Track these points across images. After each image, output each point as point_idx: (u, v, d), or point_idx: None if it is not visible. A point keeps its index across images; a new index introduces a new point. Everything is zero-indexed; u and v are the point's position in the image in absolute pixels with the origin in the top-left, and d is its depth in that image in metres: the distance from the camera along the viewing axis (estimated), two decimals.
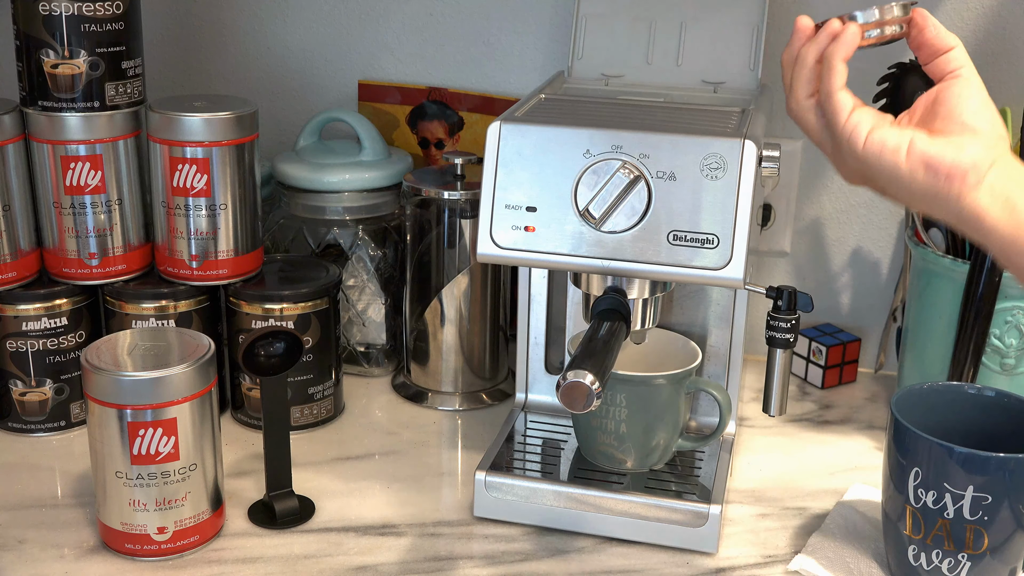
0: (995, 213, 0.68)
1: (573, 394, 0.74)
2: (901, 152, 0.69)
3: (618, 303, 0.85)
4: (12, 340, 1.02)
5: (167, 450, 0.84)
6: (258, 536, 0.90)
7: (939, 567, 0.80)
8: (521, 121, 0.83)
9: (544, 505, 0.91)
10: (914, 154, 0.69)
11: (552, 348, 1.04)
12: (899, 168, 0.70)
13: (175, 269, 1.03)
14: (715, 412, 0.99)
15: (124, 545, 0.86)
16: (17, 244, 1.01)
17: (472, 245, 1.09)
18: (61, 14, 0.96)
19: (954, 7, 1.11)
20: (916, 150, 0.69)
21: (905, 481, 0.80)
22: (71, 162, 1.00)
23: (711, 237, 0.79)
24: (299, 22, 1.27)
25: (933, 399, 0.86)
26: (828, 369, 1.18)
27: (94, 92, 0.99)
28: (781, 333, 0.82)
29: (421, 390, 1.15)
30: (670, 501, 0.89)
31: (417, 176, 1.12)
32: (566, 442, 0.99)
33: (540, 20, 1.21)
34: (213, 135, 0.99)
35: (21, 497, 0.95)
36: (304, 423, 1.07)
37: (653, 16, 1.05)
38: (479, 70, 1.24)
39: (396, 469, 1.01)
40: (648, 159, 0.80)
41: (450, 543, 0.89)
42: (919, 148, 0.69)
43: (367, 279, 1.17)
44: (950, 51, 0.72)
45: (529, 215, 0.82)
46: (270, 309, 1.03)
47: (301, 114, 1.29)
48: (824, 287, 1.23)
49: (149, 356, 0.85)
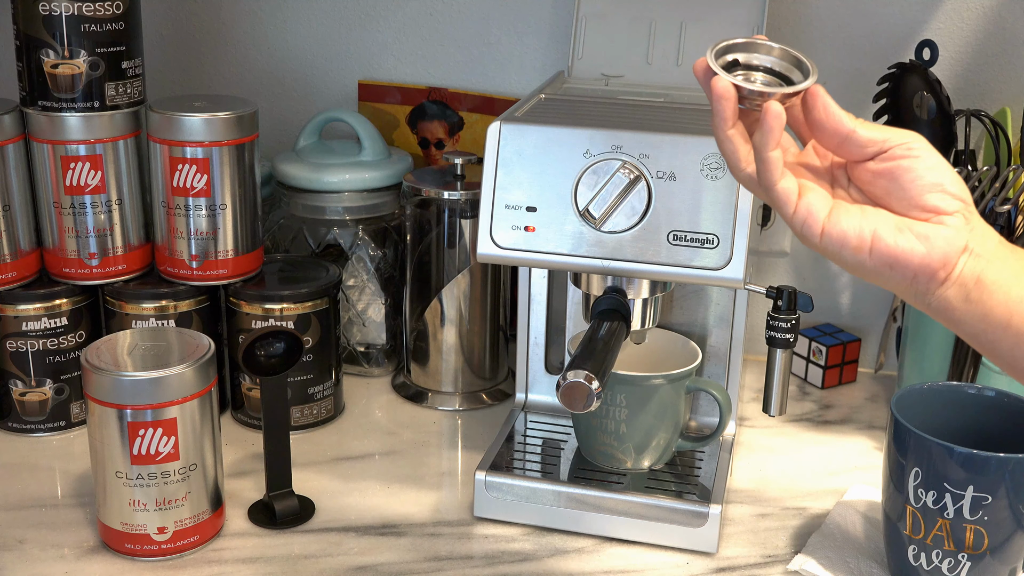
0: (962, 307, 0.62)
1: (573, 394, 0.75)
2: (864, 250, 0.62)
3: (618, 303, 0.85)
4: (12, 340, 1.02)
5: (167, 450, 0.84)
6: (258, 536, 0.90)
7: (939, 567, 0.80)
8: (521, 121, 0.83)
9: (544, 505, 0.91)
10: (878, 252, 0.61)
11: (552, 348, 1.04)
12: (863, 265, 0.62)
13: (175, 269, 1.03)
14: (715, 412, 0.99)
15: (124, 545, 0.86)
16: (17, 244, 1.01)
17: (472, 245, 1.09)
18: (61, 14, 0.96)
19: (954, 7, 1.11)
20: (880, 248, 0.61)
21: (905, 481, 0.80)
22: (71, 162, 1.00)
23: (711, 237, 0.79)
24: (299, 22, 1.27)
25: (933, 399, 0.86)
26: (828, 369, 1.18)
27: (94, 92, 0.99)
28: (781, 333, 0.82)
29: (421, 390, 1.15)
30: (670, 501, 0.89)
31: (417, 176, 1.12)
32: (566, 442, 0.99)
33: (540, 20, 1.21)
34: (213, 135, 0.99)
35: (21, 497, 0.95)
36: (304, 423, 1.07)
37: (653, 16, 1.05)
38: (479, 70, 1.24)
39: (396, 469, 1.01)
40: (648, 159, 0.80)
41: (450, 543, 0.89)
42: (883, 246, 0.61)
43: (367, 279, 1.17)
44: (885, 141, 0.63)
45: (529, 215, 0.82)
46: (270, 309, 1.03)
47: (301, 114, 1.29)
48: (824, 287, 1.23)
49: (149, 356, 0.85)
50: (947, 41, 1.11)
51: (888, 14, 1.12)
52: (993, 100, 1.12)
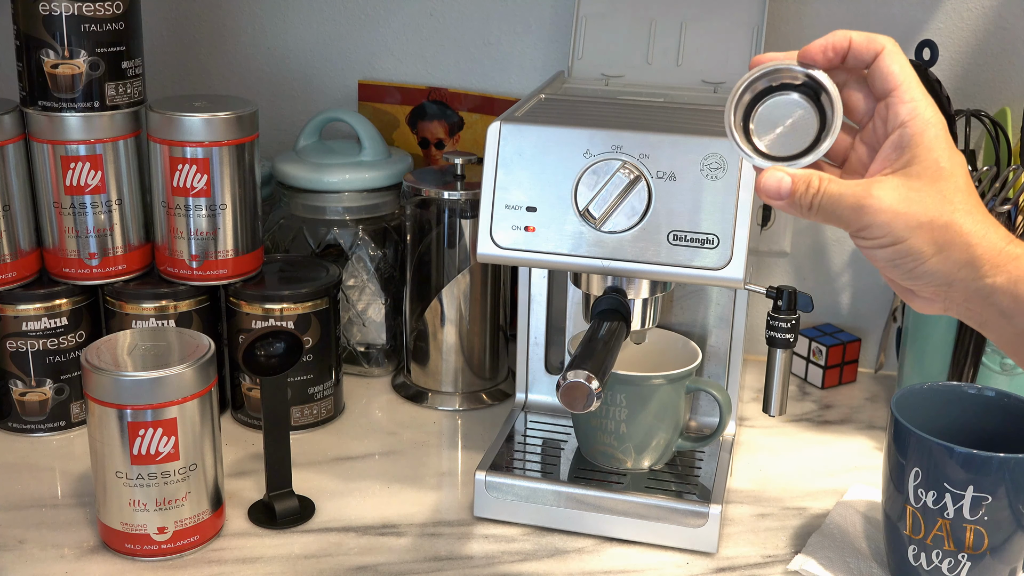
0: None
1: (573, 394, 0.74)
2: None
3: (618, 303, 0.85)
4: (12, 340, 1.02)
5: (167, 450, 0.84)
6: (258, 536, 0.90)
7: (939, 567, 0.80)
8: (521, 121, 0.83)
9: (544, 505, 0.91)
10: None
11: (552, 348, 1.04)
12: None
13: (175, 269, 1.03)
14: (715, 412, 0.99)
15: (124, 545, 0.86)
16: (17, 244, 1.01)
17: (472, 245, 1.09)
18: (61, 14, 0.96)
19: (954, 7, 1.11)
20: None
21: (905, 481, 0.80)
22: (71, 162, 1.00)
23: (711, 237, 0.79)
24: (299, 22, 1.27)
25: (933, 399, 0.86)
26: (828, 369, 1.18)
27: (94, 92, 0.99)
28: (781, 333, 0.82)
29: (421, 390, 1.15)
30: (670, 501, 0.89)
31: (417, 176, 1.12)
32: (566, 442, 0.99)
33: (540, 20, 1.21)
34: (213, 135, 0.99)
35: (21, 497, 0.95)
36: (304, 423, 1.07)
37: (653, 16, 1.05)
38: (479, 70, 1.24)
39: (396, 469, 1.01)
40: (648, 159, 0.80)
41: (450, 543, 0.89)
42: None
43: (367, 279, 1.17)
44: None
45: (529, 215, 0.82)
46: (270, 309, 1.03)
47: (301, 114, 1.29)
48: (824, 287, 1.23)
49: (149, 356, 0.85)
50: (947, 41, 1.11)
51: (888, 14, 1.12)
52: (993, 100, 1.12)
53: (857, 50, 0.62)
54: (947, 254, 0.61)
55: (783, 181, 0.63)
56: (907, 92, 0.62)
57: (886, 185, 0.61)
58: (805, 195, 0.62)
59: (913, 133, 0.61)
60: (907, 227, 0.61)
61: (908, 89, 0.62)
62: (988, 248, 0.61)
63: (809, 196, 0.62)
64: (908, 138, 0.61)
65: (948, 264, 0.62)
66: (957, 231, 0.61)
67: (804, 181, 0.62)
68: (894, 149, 0.62)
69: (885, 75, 0.62)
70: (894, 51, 0.62)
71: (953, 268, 0.62)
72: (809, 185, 0.62)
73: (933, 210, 0.61)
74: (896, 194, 0.61)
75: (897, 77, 0.62)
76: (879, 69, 0.62)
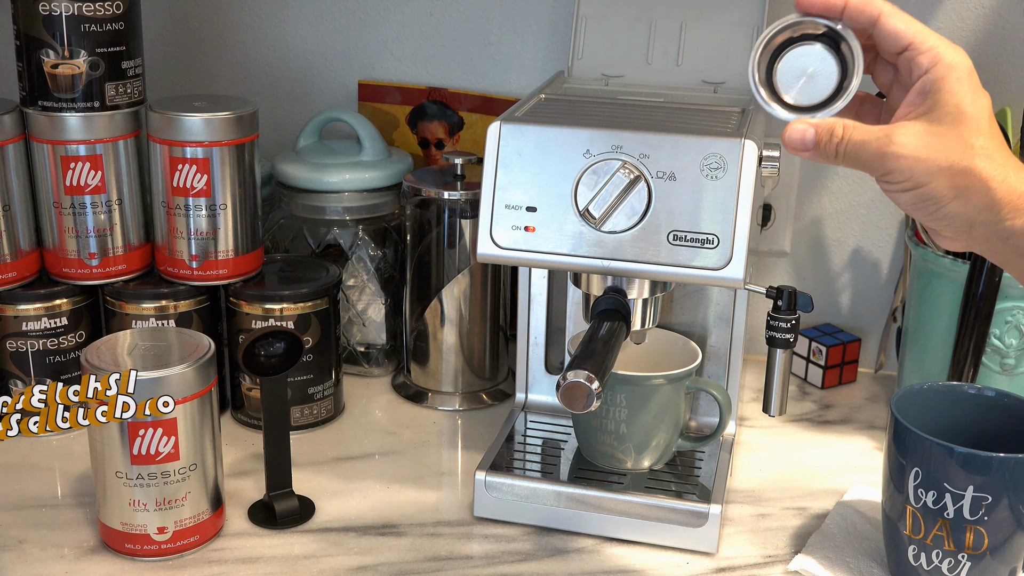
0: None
1: (573, 394, 0.74)
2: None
3: (618, 303, 0.85)
4: (12, 340, 1.02)
5: (167, 450, 0.84)
6: (258, 536, 0.90)
7: (939, 567, 0.80)
8: (521, 121, 0.83)
9: (544, 505, 0.91)
10: None
11: (552, 348, 1.04)
12: None
13: (175, 269, 1.03)
14: (715, 412, 0.99)
15: (124, 545, 0.86)
16: (17, 244, 1.01)
17: (472, 245, 1.09)
18: (61, 14, 0.96)
19: (954, 7, 1.11)
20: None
21: (905, 481, 0.80)
22: (71, 162, 1.00)
23: (711, 237, 0.79)
24: (299, 22, 1.27)
25: (933, 399, 0.86)
26: (828, 369, 1.18)
27: (94, 92, 0.99)
28: (781, 333, 0.82)
29: (421, 390, 1.15)
30: (670, 501, 0.89)
31: (417, 176, 1.12)
32: (566, 442, 0.99)
33: (540, 20, 1.21)
34: (213, 135, 0.99)
35: (21, 497, 0.95)
36: (304, 423, 1.07)
37: (653, 16, 1.05)
38: (479, 70, 1.24)
39: (396, 469, 1.01)
40: (648, 159, 0.80)
41: (450, 543, 0.89)
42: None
43: (367, 279, 1.17)
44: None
45: (529, 215, 0.82)
46: (270, 309, 1.03)
47: (301, 114, 1.29)
48: (824, 287, 1.23)
49: (149, 356, 0.85)
50: None
51: None
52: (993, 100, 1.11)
53: (853, 9, 0.64)
54: (967, 198, 0.63)
55: (807, 132, 0.65)
56: (923, 42, 0.63)
57: (908, 131, 0.63)
58: (829, 143, 0.64)
59: (936, 79, 0.63)
60: (927, 172, 0.62)
61: (924, 39, 0.63)
62: (1008, 191, 0.63)
63: (834, 144, 0.64)
64: (931, 83, 0.63)
65: (968, 207, 0.63)
66: (977, 175, 0.62)
67: (827, 130, 0.64)
68: (918, 95, 0.64)
69: (893, 35, 0.63)
70: (893, 11, 0.64)
71: (973, 211, 0.63)
72: (833, 133, 0.64)
73: (954, 155, 0.62)
74: (917, 140, 0.62)
75: (906, 33, 0.63)
76: (884, 31, 0.64)
